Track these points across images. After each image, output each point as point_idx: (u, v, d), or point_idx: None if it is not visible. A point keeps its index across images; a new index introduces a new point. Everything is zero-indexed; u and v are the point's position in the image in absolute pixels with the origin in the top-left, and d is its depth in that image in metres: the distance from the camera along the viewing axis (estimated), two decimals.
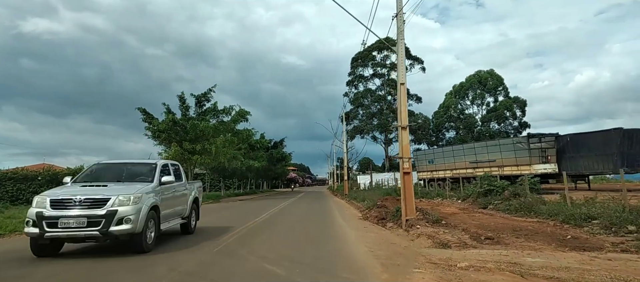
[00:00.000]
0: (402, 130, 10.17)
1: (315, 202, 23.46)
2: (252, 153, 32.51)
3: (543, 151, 22.68)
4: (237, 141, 25.61)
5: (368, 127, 46.38)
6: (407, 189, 9.89)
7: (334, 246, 7.41)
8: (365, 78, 48.75)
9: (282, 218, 12.67)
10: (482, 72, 51.13)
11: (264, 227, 10.20)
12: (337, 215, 13.91)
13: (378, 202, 14.77)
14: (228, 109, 23.81)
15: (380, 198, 16.45)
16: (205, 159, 22.69)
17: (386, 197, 16.74)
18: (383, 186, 30.80)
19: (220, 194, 31.01)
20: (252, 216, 13.27)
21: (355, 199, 22.27)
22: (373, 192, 22.70)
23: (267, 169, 39.44)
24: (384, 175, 38.19)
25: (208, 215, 14.42)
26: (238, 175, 32.06)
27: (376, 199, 17.42)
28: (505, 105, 47.73)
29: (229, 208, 18.39)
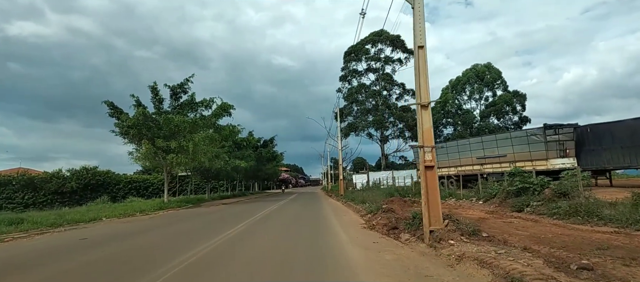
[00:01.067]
0: (423, 110, 7.46)
1: (308, 205, 20.62)
2: (239, 152, 29.58)
3: (561, 144, 20.22)
4: (219, 138, 22.67)
5: (363, 124, 43.71)
6: (430, 189, 7.18)
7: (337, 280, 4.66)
8: (359, 73, 46.10)
9: (263, 230, 9.80)
10: (480, 65, 48.86)
11: (235, 246, 7.38)
12: (334, 223, 11.13)
13: (383, 204, 12.07)
14: (208, 102, 20.87)
15: (385, 200, 13.75)
16: (181, 159, 19.75)
17: (391, 199, 14.05)
18: (381, 186, 28.16)
19: (205, 197, 28.05)
20: (227, 226, 10.43)
21: (353, 200, 19.56)
22: (372, 193, 20.01)
23: (256, 169, 36.46)
24: (380, 174, 35.57)
25: (169, 225, 11.60)
26: (224, 176, 29.10)
27: (379, 200, 14.73)
28: (505, 100, 45.46)
29: (204, 215, 15.51)
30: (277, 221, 12.14)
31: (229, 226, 10.35)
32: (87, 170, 49.73)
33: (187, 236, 9.23)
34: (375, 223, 9.66)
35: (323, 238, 8.10)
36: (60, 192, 47.14)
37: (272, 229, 10.01)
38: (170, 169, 21.22)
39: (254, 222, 11.65)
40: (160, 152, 19.72)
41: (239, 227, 10.06)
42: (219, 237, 8.46)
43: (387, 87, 44.68)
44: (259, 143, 38.03)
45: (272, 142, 39.76)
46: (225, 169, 27.06)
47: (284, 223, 11.43)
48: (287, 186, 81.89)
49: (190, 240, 8.21)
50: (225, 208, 19.45)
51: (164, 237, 9.13)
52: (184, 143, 19.30)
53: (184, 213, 17.05)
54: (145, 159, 20.00)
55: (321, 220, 11.88)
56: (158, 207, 19.05)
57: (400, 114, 43.42)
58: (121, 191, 51.23)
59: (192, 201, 23.20)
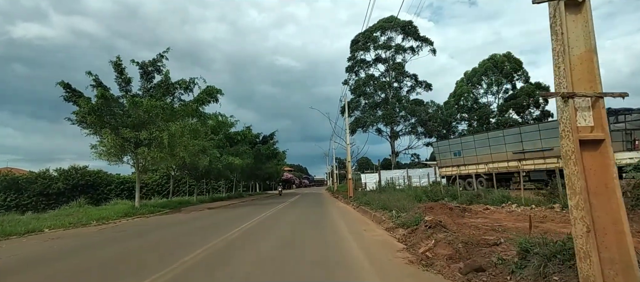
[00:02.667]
0: (570, 12, 3.25)
1: (312, 211, 16.42)
2: (233, 148, 25.49)
3: (627, 134, 15.90)
4: (206, 129, 18.58)
5: (371, 119, 39.40)
6: (599, 190, 2.98)
7: None
8: (367, 63, 41.83)
9: (237, 259, 5.66)
10: (498, 56, 44.38)
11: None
12: (352, 245, 6.89)
13: (424, 215, 7.85)
14: (186, 83, 16.74)
15: (421, 206, 9.53)
16: (155, 153, 15.67)
17: (429, 205, 9.81)
18: (397, 186, 23.90)
19: (193, 200, 23.96)
20: (179, 251, 6.30)
21: (367, 204, 15.37)
22: (392, 196, 15.76)
23: (254, 168, 32.36)
24: (392, 173, 31.28)
25: (104, 247, 7.27)
26: (214, 175, 25.03)
27: (409, 206, 10.54)
28: (528, 92, 40.96)
29: (166, 228, 11.42)
30: (264, 241, 7.95)
31: (196, 247, 6.22)
32: (75, 170, 45.98)
33: (139, 258, 5.11)
34: (429, 252, 5.42)
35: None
36: (46, 194, 43.44)
37: (248, 257, 5.83)
38: (143, 165, 17.14)
39: (230, 242, 7.48)
40: (127, 145, 15.64)
41: (196, 255, 5.92)
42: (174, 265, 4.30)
43: (398, 78, 40.38)
44: (258, 139, 33.93)
45: (272, 138, 35.60)
46: (216, 167, 22.93)
47: (274, 244, 7.23)
48: (290, 186, 77.71)
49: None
50: (205, 216, 15.30)
51: (72, 269, 5.02)
52: (157, 133, 15.20)
53: (146, 223, 12.96)
54: (110, 154, 15.91)
55: (333, 241, 7.62)
56: (124, 213, 14.98)
57: (413, 108, 39.10)
58: (113, 192, 47.44)
59: (172, 204, 19.07)
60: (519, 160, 19.63)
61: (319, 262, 5.51)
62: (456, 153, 23.50)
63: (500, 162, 20.67)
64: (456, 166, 23.48)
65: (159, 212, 16.55)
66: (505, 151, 20.36)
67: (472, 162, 22.29)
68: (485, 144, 21.50)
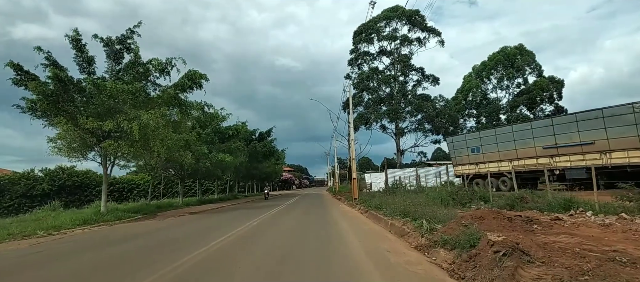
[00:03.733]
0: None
1: (312, 217, 13.65)
2: (224, 144, 22.69)
3: None
4: (186, 120, 15.84)
5: (376, 115, 36.60)
6: None
7: None
8: (371, 56, 39.05)
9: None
10: (509, 48, 41.63)
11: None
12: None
13: (482, 231, 5.08)
14: (162, 64, 13.96)
15: (469, 215, 6.76)
16: (124, 147, 12.91)
17: (478, 213, 7.03)
18: (408, 186, 21.10)
19: (178, 202, 21.17)
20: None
21: (378, 208, 12.61)
22: (408, 198, 12.97)
23: (249, 167, 29.57)
24: (400, 172, 28.46)
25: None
26: (202, 174, 22.23)
27: (440, 213, 7.83)
28: (541, 86, 38.18)
29: (116, 244, 8.65)
30: (238, 268, 5.18)
31: None
32: (62, 170, 43.20)
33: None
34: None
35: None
36: (29, 195, 40.70)
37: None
38: (112, 163, 14.39)
39: (188, 267, 4.72)
40: (90, 138, 12.88)
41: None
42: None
43: (404, 71, 37.58)
44: (254, 136, 31.10)
45: (269, 135, 32.77)
46: (204, 165, 20.16)
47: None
48: (289, 186, 74.82)
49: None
50: (179, 224, 12.51)
51: None
52: (126, 124, 12.42)
53: (99, 236, 10.19)
54: (71, 149, 13.16)
55: (340, 262, 4.83)
56: (83, 220, 12.22)
57: (419, 103, 36.30)
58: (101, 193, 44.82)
59: (148, 209, 16.26)
60: (550, 156, 16.85)
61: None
62: (474, 149, 20.73)
63: (527, 159, 17.90)
64: (474, 164, 20.71)
65: (129, 218, 13.77)
66: (533, 146, 17.58)
67: (493, 160, 19.52)
68: (509, 138, 18.73)
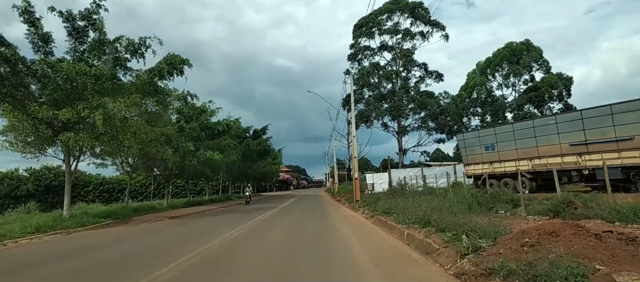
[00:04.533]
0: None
1: (309, 225, 11.55)
2: (213, 141, 20.53)
3: None
4: (163, 112, 13.71)
5: (377, 113, 34.51)
6: None
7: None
8: (371, 50, 37.01)
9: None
10: (515, 44, 39.66)
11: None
12: None
13: (582, 266, 3.03)
14: (135, 45, 11.83)
15: (537, 229, 4.64)
16: (85, 140, 10.78)
17: (547, 226, 4.89)
18: (416, 187, 18.99)
19: (162, 204, 19.03)
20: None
21: (387, 213, 10.57)
22: (423, 201, 10.89)
23: (243, 166, 27.41)
24: (404, 172, 26.37)
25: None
26: (189, 173, 20.03)
27: (490, 225, 5.75)
28: (550, 83, 36.20)
29: (49, 263, 6.54)
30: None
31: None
32: (48, 170, 40.96)
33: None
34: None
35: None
36: (13, 196, 38.45)
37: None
38: (76, 158, 12.26)
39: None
40: (43, 128, 10.74)
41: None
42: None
43: (407, 66, 35.55)
44: (248, 134, 28.95)
45: (264, 133, 30.62)
46: (190, 164, 18.03)
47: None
48: (287, 187, 72.54)
49: None
50: (149, 232, 10.37)
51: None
52: (87, 112, 10.28)
53: (43, 249, 8.08)
54: (24, 144, 11.03)
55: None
56: (36, 228, 10.09)
57: (423, 100, 34.24)
58: (90, 194, 42.64)
59: (122, 213, 14.09)
60: (578, 154, 14.80)
61: None
62: (488, 147, 18.66)
63: (550, 157, 15.83)
64: (488, 163, 18.64)
65: (96, 224, 11.61)
66: (558, 143, 15.51)
67: (510, 158, 17.45)
68: (530, 134, 16.66)
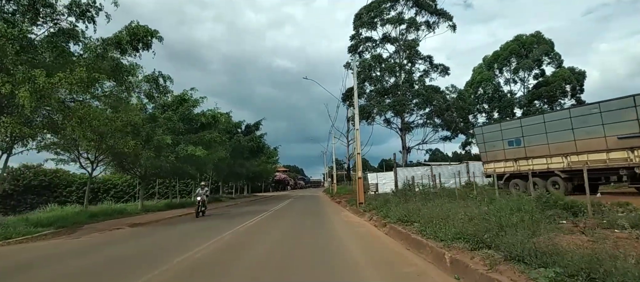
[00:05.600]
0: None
1: (303, 239, 8.79)
2: (197, 135, 17.78)
3: None
4: (122, 94, 10.97)
5: (379, 108, 31.85)
6: None
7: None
8: (373, 42, 34.36)
9: None
10: (525, 36, 37.12)
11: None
12: None
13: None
14: (83, 6, 9.10)
15: None
16: (10, 125, 8.05)
17: None
18: (428, 187, 16.30)
19: (136, 207, 16.26)
20: None
21: (404, 221, 7.92)
22: (449, 205, 8.22)
23: (233, 164, 24.65)
24: (410, 171, 23.72)
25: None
26: (167, 172, 17.22)
27: None
28: (563, 77, 33.65)
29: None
30: None
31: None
32: (28, 168, 37.94)
33: None
34: None
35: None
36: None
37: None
38: (5, 150, 9.50)
39: None
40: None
41: None
42: None
43: (412, 58, 32.92)
44: (240, 129, 26.20)
45: (257, 128, 27.86)
46: (167, 160, 15.28)
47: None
48: (284, 187, 69.63)
49: None
50: (85, 250, 7.60)
51: None
52: (7, 88, 7.56)
53: None
54: None
55: None
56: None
57: (428, 95, 31.60)
58: (74, 194, 39.58)
59: (76, 218, 11.29)
60: (630, 149, 12.18)
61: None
62: (512, 142, 16.02)
63: (592, 152, 13.21)
64: (512, 160, 16.00)
65: (28, 235, 8.85)
66: (602, 135, 12.88)
67: (540, 154, 14.83)
68: (565, 126, 14.03)
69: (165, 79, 12.27)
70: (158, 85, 12.13)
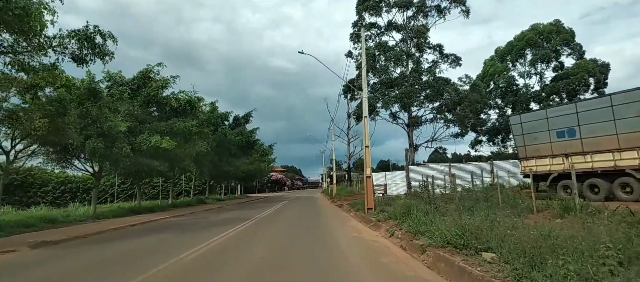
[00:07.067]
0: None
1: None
2: (165, 123, 14.17)
3: None
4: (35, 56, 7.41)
5: (385, 100, 28.28)
6: None
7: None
8: (378, 28, 30.83)
9: None
10: (542, 25, 33.63)
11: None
12: None
13: None
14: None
15: None
16: None
17: None
18: (458, 190, 12.72)
19: (88, 212, 12.64)
20: None
21: (459, 248, 4.25)
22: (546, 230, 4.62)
23: (218, 161, 21.01)
24: (427, 169, 20.14)
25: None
26: (126, 167, 13.49)
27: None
28: (586, 69, 30.17)
29: None
30: None
31: None
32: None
33: None
34: None
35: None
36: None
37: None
38: None
39: None
40: None
41: None
42: None
43: (420, 46, 29.39)
44: (227, 121, 22.55)
45: (247, 121, 24.21)
46: (122, 153, 11.64)
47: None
48: (281, 188, 65.99)
49: None
50: None
51: None
52: None
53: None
54: None
55: None
56: None
57: (439, 87, 28.08)
58: (49, 195, 35.71)
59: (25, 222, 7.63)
60: None
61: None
62: (563, 132, 12.44)
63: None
64: (562, 155, 12.43)
65: None
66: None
67: (605, 148, 11.27)
68: (605, 116, 10.50)
69: (104, 37, 8.70)
70: (94, 45, 8.56)
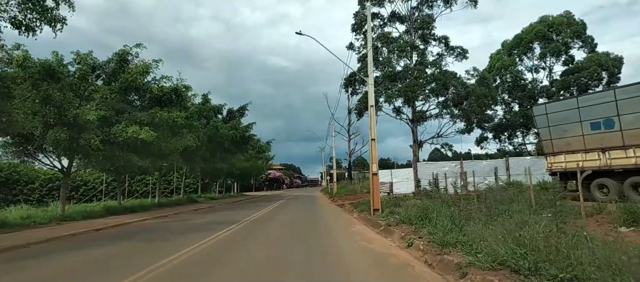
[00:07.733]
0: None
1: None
2: (146, 112, 12.51)
3: None
4: None
5: (388, 93, 26.62)
6: None
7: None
8: (381, 19, 29.19)
9: None
10: (552, 17, 32.00)
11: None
12: None
13: None
14: None
15: None
16: None
17: None
18: (480, 188, 11.08)
19: (54, 213, 11.00)
20: None
21: (516, 272, 2.56)
22: None
23: (210, 157, 19.35)
24: (436, 166, 18.53)
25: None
26: (98, 162, 11.80)
27: None
28: (598, 62, 28.56)
29: None
30: None
31: None
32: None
33: None
34: None
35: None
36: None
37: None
38: None
39: None
40: None
41: None
42: None
43: (426, 38, 27.73)
44: (220, 114, 20.85)
45: (242, 114, 22.54)
46: (92, 145, 9.97)
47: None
48: (279, 186, 64.42)
49: None
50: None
51: None
52: None
53: None
54: None
55: None
56: None
57: (446, 80, 26.44)
58: (36, 192, 34.09)
59: None
60: None
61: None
62: (598, 124, 10.80)
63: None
64: (597, 150, 10.82)
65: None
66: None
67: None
68: (634, 106, 8.91)
69: (71, 4, 6.97)
70: (44, 9, 6.87)
